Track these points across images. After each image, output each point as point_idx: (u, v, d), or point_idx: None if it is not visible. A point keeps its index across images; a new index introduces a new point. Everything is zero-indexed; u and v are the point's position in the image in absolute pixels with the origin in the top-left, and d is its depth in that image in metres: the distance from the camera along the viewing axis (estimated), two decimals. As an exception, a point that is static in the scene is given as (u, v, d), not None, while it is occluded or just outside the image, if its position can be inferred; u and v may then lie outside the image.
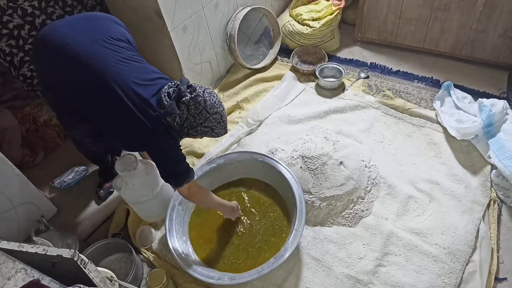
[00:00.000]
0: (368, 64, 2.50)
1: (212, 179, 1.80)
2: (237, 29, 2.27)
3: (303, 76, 2.47)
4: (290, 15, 2.66)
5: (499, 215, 1.67)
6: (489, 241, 1.56)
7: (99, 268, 0.98)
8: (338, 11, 2.51)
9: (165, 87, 1.28)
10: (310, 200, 1.67)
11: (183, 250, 1.52)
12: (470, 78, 2.27)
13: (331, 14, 2.50)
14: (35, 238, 1.42)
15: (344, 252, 1.58)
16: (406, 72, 2.40)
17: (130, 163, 1.50)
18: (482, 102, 1.89)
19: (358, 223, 1.67)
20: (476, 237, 1.58)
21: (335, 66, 2.39)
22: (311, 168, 1.71)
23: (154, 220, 1.76)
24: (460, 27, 2.23)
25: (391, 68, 2.45)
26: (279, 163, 1.70)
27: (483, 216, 1.64)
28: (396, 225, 1.64)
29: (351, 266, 1.53)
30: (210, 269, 1.51)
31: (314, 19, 2.53)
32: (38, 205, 1.70)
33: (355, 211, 1.69)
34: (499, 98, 2.06)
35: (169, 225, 1.57)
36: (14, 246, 0.89)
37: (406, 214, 1.68)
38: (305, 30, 2.52)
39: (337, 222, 1.67)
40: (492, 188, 1.74)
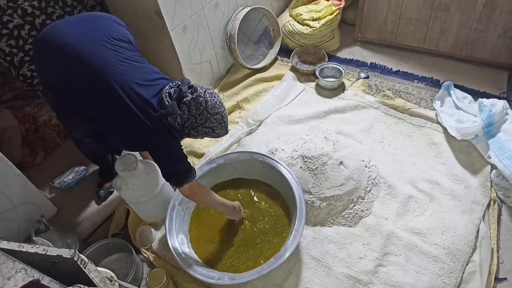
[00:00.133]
0: (368, 64, 2.50)
1: (212, 179, 1.80)
2: (237, 29, 2.27)
3: (303, 76, 2.47)
4: (290, 15, 2.66)
5: (499, 215, 1.67)
6: (489, 241, 1.56)
7: (99, 268, 0.98)
8: (338, 11, 2.51)
9: (166, 88, 1.28)
10: (310, 200, 1.67)
11: (183, 250, 1.52)
12: (470, 78, 2.27)
13: (331, 14, 2.50)
14: (35, 238, 1.42)
15: (344, 252, 1.58)
16: (406, 72, 2.40)
17: (130, 163, 1.50)
18: (482, 102, 1.89)
19: (358, 223, 1.67)
20: (476, 237, 1.58)
21: (335, 66, 2.39)
22: (311, 168, 1.71)
23: (154, 220, 1.76)
24: (460, 27, 2.23)
25: (391, 68, 2.45)
26: (279, 163, 1.70)
27: (483, 216, 1.64)
28: (396, 225, 1.64)
29: (351, 266, 1.53)
30: (210, 269, 1.51)
31: (314, 19, 2.53)
32: (38, 205, 1.70)
33: (355, 211, 1.69)
34: (499, 98, 2.06)
35: (169, 225, 1.57)
36: (14, 246, 0.89)
37: (406, 214, 1.68)
38: (305, 30, 2.52)
39: (337, 222, 1.67)
40: (492, 188, 1.74)
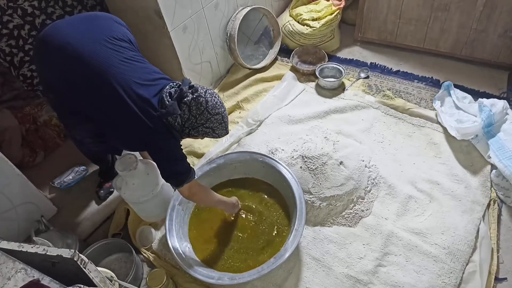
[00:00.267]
0: (368, 64, 2.50)
1: (212, 179, 1.80)
2: (237, 29, 2.27)
3: (303, 76, 2.47)
4: (290, 15, 2.66)
5: (499, 215, 1.67)
6: (489, 241, 1.56)
7: (99, 268, 0.98)
8: (338, 11, 2.51)
9: (166, 87, 1.28)
10: (310, 200, 1.67)
11: (183, 250, 1.52)
12: (470, 78, 2.27)
13: (331, 14, 2.50)
14: (35, 238, 1.42)
15: (344, 252, 1.58)
16: (406, 72, 2.40)
17: (130, 163, 1.50)
18: (482, 102, 1.89)
19: (358, 223, 1.67)
20: (476, 237, 1.58)
21: (335, 66, 2.39)
22: (311, 168, 1.71)
23: (154, 220, 1.76)
24: (460, 27, 2.23)
25: (391, 68, 2.45)
26: (279, 163, 1.70)
27: (483, 216, 1.64)
28: (396, 225, 1.64)
29: (351, 266, 1.53)
30: (210, 269, 1.51)
31: (314, 19, 2.53)
32: (38, 205, 1.70)
33: (355, 211, 1.69)
34: (499, 98, 2.06)
35: (169, 225, 1.57)
36: (14, 246, 0.89)
37: (406, 214, 1.68)
38: (305, 30, 2.52)
39: (337, 222, 1.67)
40: (492, 188, 1.74)
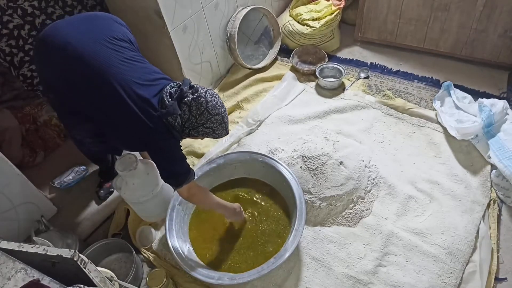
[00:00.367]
0: (368, 64, 2.50)
1: (212, 179, 1.80)
2: (237, 29, 2.27)
3: (303, 76, 2.47)
4: (290, 15, 2.66)
5: (499, 215, 1.67)
6: (489, 241, 1.56)
7: (99, 268, 0.98)
8: (338, 11, 2.51)
9: (167, 87, 1.28)
10: (310, 200, 1.67)
11: (183, 250, 1.52)
12: (470, 78, 2.27)
13: (331, 14, 2.50)
14: (35, 238, 1.42)
15: (344, 252, 1.58)
16: (406, 72, 2.40)
17: (130, 163, 1.50)
18: (482, 102, 1.89)
19: (358, 223, 1.67)
20: (476, 237, 1.58)
21: (335, 66, 2.39)
22: (311, 168, 1.71)
23: (154, 220, 1.76)
24: (460, 27, 2.23)
25: (391, 68, 2.45)
26: (279, 163, 1.70)
27: (483, 216, 1.64)
28: (396, 225, 1.64)
29: (351, 266, 1.53)
30: (210, 269, 1.51)
31: (314, 19, 2.53)
32: (38, 205, 1.70)
33: (355, 211, 1.69)
34: (499, 98, 2.06)
35: (169, 225, 1.57)
36: (14, 246, 0.89)
37: (406, 214, 1.68)
38: (305, 30, 2.52)
39: (337, 222, 1.67)
40: (492, 188, 1.74)
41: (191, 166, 1.38)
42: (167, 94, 1.26)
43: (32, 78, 2.20)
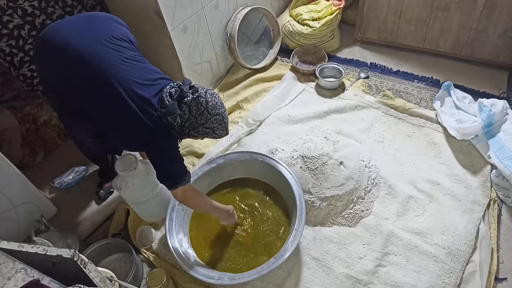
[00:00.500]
0: (368, 64, 2.50)
1: (212, 179, 1.80)
2: (237, 29, 2.27)
3: (303, 76, 2.47)
4: (290, 15, 2.66)
5: (499, 215, 1.67)
6: (489, 241, 1.56)
7: (99, 268, 0.98)
8: (338, 11, 2.51)
9: (167, 87, 1.28)
10: (310, 200, 1.67)
11: (183, 250, 1.52)
12: (470, 78, 2.27)
13: (331, 14, 2.50)
14: (35, 238, 1.42)
15: (344, 252, 1.58)
16: (406, 72, 2.40)
17: (130, 163, 1.50)
18: (482, 102, 1.89)
19: (358, 223, 1.67)
20: (476, 237, 1.58)
21: (335, 66, 2.39)
22: (311, 168, 1.71)
23: (154, 220, 1.76)
24: (460, 27, 2.23)
25: (391, 68, 2.45)
26: (279, 163, 1.70)
27: (483, 216, 1.64)
28: (396, 225, 1.64)
29: (351, 266, 1.53)
30: (210, 269, 1.51)
31: (314, 19, 2.53)
32: (38, 205, 1.70)
33: (355, 211, 1.69)
34: (499, 98, 2.06)
35: (169, 225, 1.57)
36: (14, 246, 0.89)
37: (406, 214, 1.68)
38: (305, 30, 2.52)
39: (337, 222, 1.67)
40: (492, 188, 1.74)
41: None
42: (167, 94, 1.26)
43: (32, 78, 2.20)
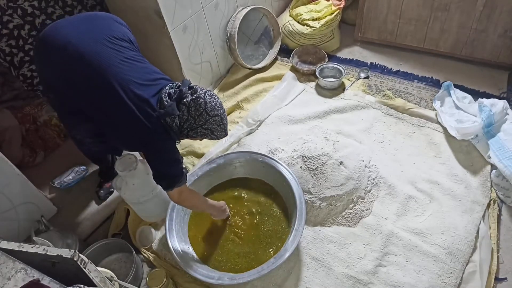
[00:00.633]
0: (368, 64, 2.50)
1: (212, 179, 1.80)
2: (237, 29, 2.27)
3: (303, 76, 2.47)
4: (290, 15, 2.66)
5: (499, 215, 1.67)
6: (489, 241, 1.56)
7: (99, 268, 0.98)
8: (338, 11, 2.51)
9: (166, 88, 1.27)
10: (310, 200, 1.67)
11: (183, 250, 1.52)
12: (470, 78, 2.27)
13: (331, 14, 2.50)
14: (35, 238, 1.42)
15: (344, 252, 1.58)
16: (406, 72, 2.40)
17: (130, 163, 1.50)
18: (482, 102, 1.89)
19: (358, 223, 1.67)
20: (476, 237, 1.58)
21: (335, 66, 2.39)
22: (311, 168, 1.71)
23: (154, 220, 1.76)
24: (460, 27, 2.23)
25: (391, 68, 2.45)
26: (279, 163, 1.70)
27: (483, 216, 1.64)
28: (396, 225, 1.64)
29: (351, 266, 1.53)
30: (210, 269, 1.51)
31: (314, 19, 2.53)
32: (38, 205, 1.70)
33: (355, 211, 1.69)
34: (499, 98, 2.06)
35: (169, 225, 1.57)
36: (14, 246, 0.89)
37: (406, 214, 1.68)
38: (305, 30, 2.52)
39: (337, 222, 1.67)
40: (492, 188, 1.74)
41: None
42: (166, 95, 1.25)
43: (32, 78, 2.20)
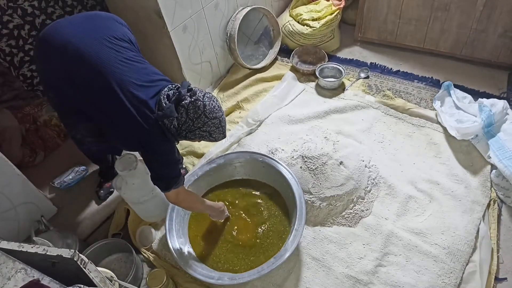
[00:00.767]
0: (368, 64, 2.50)
1: (212, 179, 1.80)
2: (237, 29, 2.27)
3: (303, 76, 2.47)
4: (290, 15, 2.66)
5: (499, 215, 1.67)
6: (489, 241, 1.56)
7: (99, 268, 0.98)
8: (338, 11, 2.51)
9: (165, 89, 1.27)
10: (310, 200, 1.67)
11: (183, 250, 1.52)
12: (470, 78, 2.27)
13: (331, 14, 2.50)
14: (35, 238, 1.42)
15: (344, 252, 1.58)
16: (406, 72, 2.40)
17: (130, 163, 1.50)
18: (482, 102, 1.89)
19: (358, 223, 1.67)
20: (476, 237, 1.58)
21: (335, 66, 2.39)
22: (311, 168, 1.71)
23: (154, 220, 1.76)
24: (460, 27, 2.23)
25: (391, 68, 2.44)
26: (279, 163, 1.70)
27: (483, 216, 1.64)
28: (396, 225, 1.64)
29: (351, 266, 1.53)
30: (210, 269, 1.51)
31: (314, 19, 2.53)
32: (38, 205, 1.70)
33: (355, 211, 1.69)
34: (499, 98, 2.06)
35: (169, 225, 1.57)
36: (14, 246, 0.89)
37: (406, 214, 1.68)
38: (305, 30, 2.52)
39: (337, 222, 1.67)
40: (492, 188, 1.74)
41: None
42: (165, 96, 1.25)
43: (32, 78, 2.21)
